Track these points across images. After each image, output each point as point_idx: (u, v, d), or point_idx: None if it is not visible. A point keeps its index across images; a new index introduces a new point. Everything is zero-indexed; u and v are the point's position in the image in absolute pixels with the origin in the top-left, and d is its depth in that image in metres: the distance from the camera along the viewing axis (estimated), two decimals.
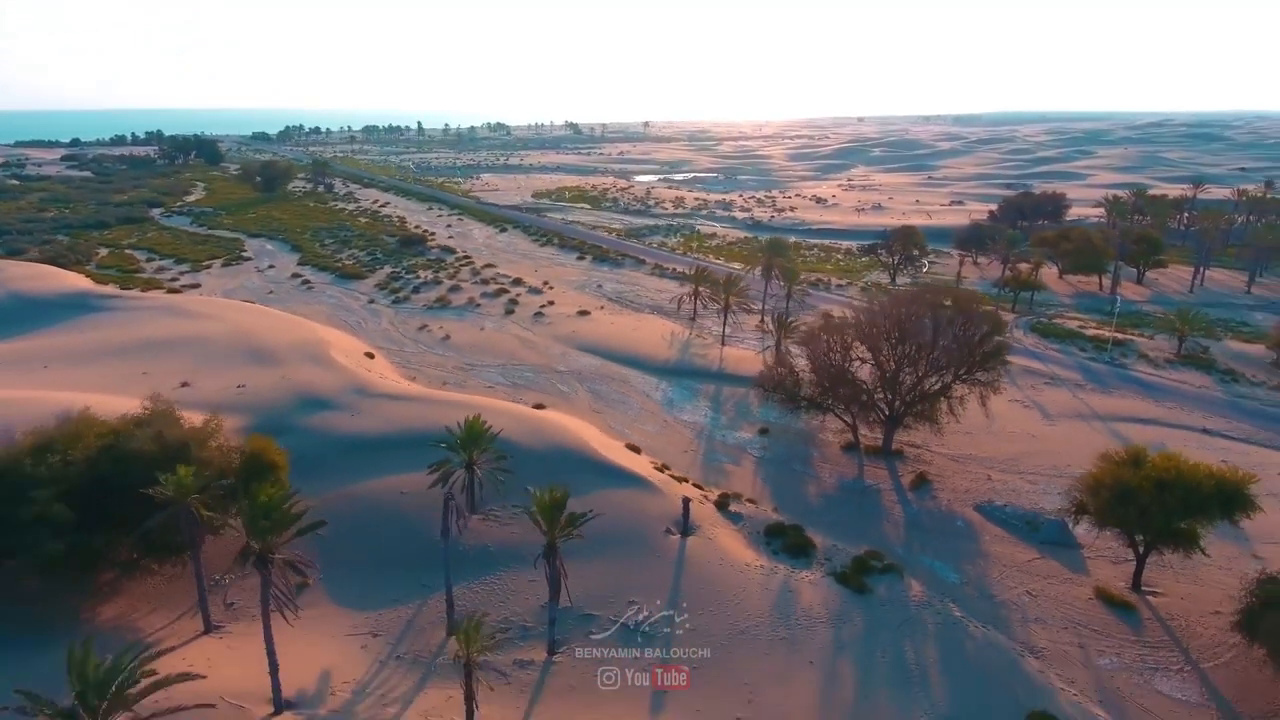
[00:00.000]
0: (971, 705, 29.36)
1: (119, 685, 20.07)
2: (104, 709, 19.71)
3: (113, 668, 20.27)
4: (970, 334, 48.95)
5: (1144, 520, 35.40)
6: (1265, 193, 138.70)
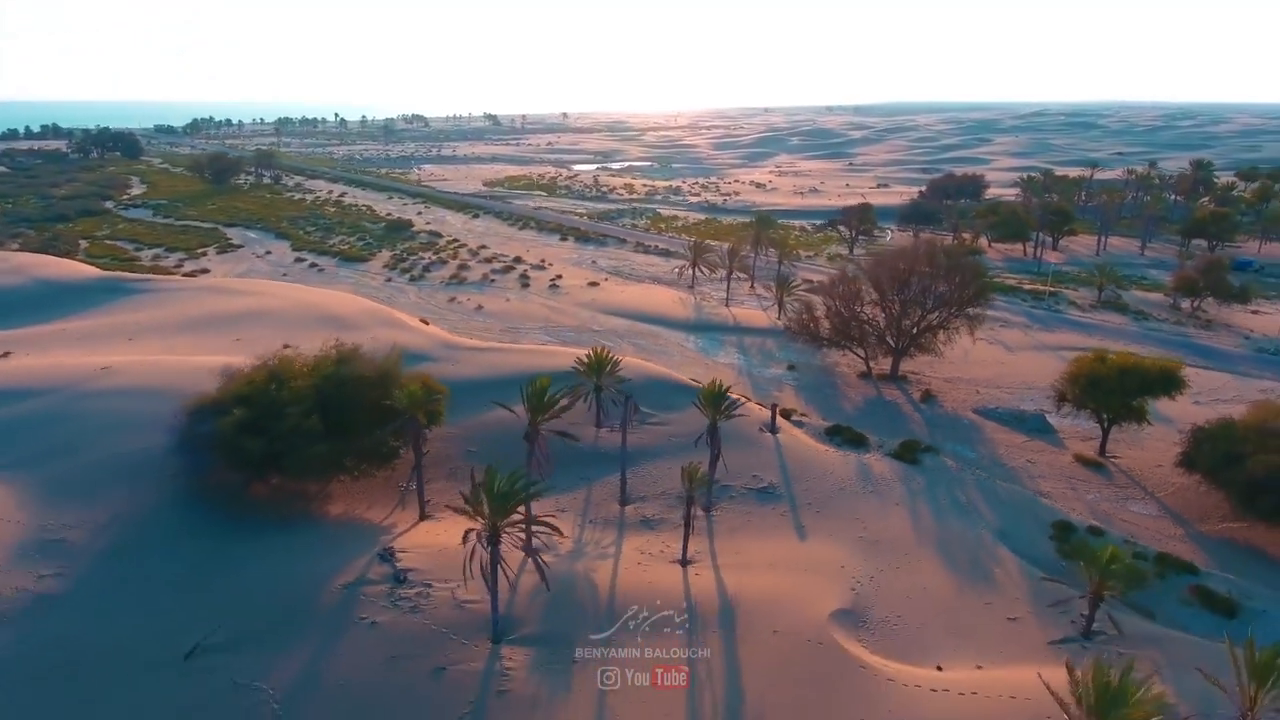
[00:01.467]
0: (1012, 522, 41.33)
1: (512, 497, 29.21)
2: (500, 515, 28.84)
3: (509, 489, 29.34)
4: (962, 278, 61.55)
5: (1109, 399, 48.43)
6: (1150, 173, 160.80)
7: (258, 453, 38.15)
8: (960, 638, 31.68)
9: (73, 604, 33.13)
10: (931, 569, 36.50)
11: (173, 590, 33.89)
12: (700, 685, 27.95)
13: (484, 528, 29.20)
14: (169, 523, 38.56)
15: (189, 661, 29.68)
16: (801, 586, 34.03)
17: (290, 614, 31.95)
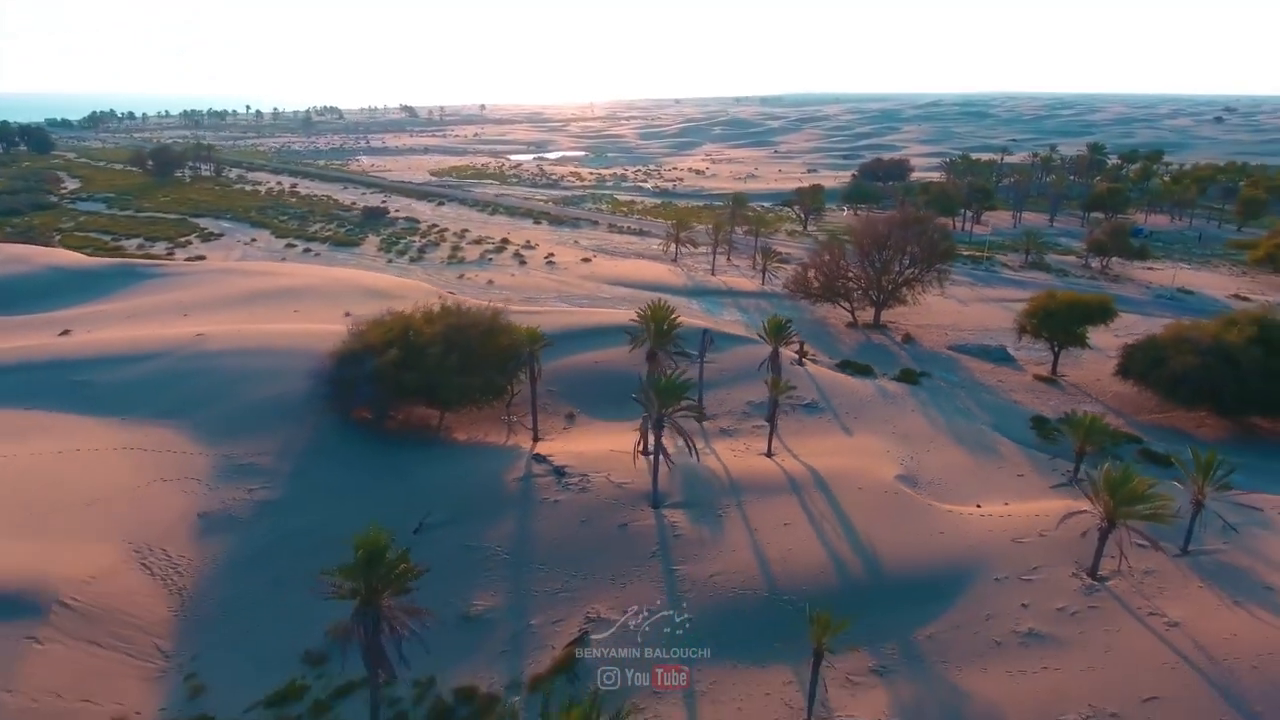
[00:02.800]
0: (1000, 419, 53.00)
1: (673, 391, 38.33)
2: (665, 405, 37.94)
3: (670, 386, 38.39)
4: (930, 239, 73.64)
5: (1059, 327, 61.12)
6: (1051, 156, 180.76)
7: (413, 385, 45.84)
8: (987, 488, 42.75)
9: (288, 507, 40.40)
10: (953, 450, 47.63)
11: (368, 491, 41.53)
12: (821, 521, 37.92)
13: (653, 415, 38.27)
14: (334, 447, 45.87)
15: (418, 535, 37.59)
16: (863, 464, 44.41)
17: (484, 500, 40.24)
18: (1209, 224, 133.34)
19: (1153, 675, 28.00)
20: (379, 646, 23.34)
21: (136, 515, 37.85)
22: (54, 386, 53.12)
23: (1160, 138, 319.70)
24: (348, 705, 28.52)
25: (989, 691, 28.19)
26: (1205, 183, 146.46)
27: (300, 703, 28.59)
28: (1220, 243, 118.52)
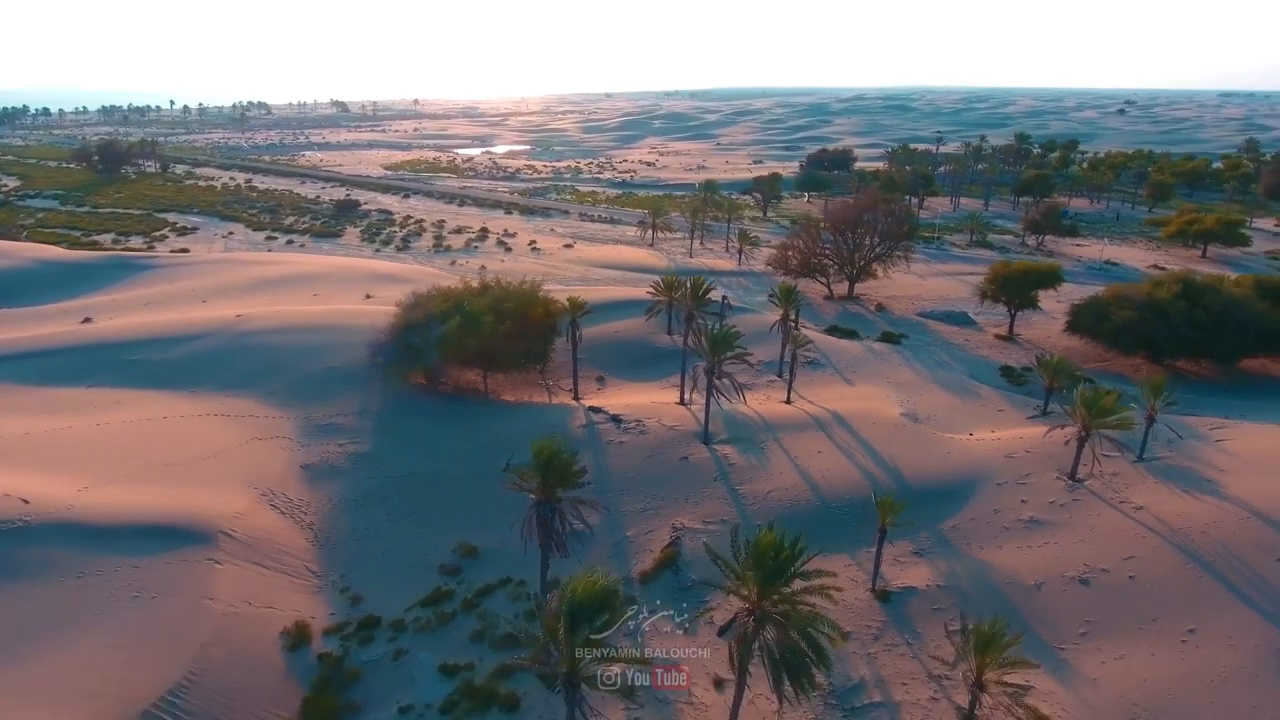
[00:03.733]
0: (973, 369, 61.29)
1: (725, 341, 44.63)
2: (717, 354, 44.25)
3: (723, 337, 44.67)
4: (897, 218, 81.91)
5: (1014, 292, 69.95)
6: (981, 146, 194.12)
7: (474, 349, 50.98)
8: (975, 421, 50.55)
9: (381, 456, 45.23)
10: (940, 394, 55.45)
11: (449, 440, 46.67)
12: (848, 448, 44.90)
13: (707, 363, 44.57)
14: (404, 406, 50.67)
15: (507, 471, 42.98)
16: (870, 406, 51.69)
17: None
18: (1124, 206, 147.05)
19: (1127, 542, 35.83)
20: (555, 530, 29.00)
21: (249, 467, 42.10)
22: (110, 366, 56.04)
23: (1072, 129, 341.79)
24: (491, 601, 34.03)
25: (1006, 562, 35.55)
26: (1119, 169, 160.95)
27: (451, 601, 33.91)
28: (1136, 222, 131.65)
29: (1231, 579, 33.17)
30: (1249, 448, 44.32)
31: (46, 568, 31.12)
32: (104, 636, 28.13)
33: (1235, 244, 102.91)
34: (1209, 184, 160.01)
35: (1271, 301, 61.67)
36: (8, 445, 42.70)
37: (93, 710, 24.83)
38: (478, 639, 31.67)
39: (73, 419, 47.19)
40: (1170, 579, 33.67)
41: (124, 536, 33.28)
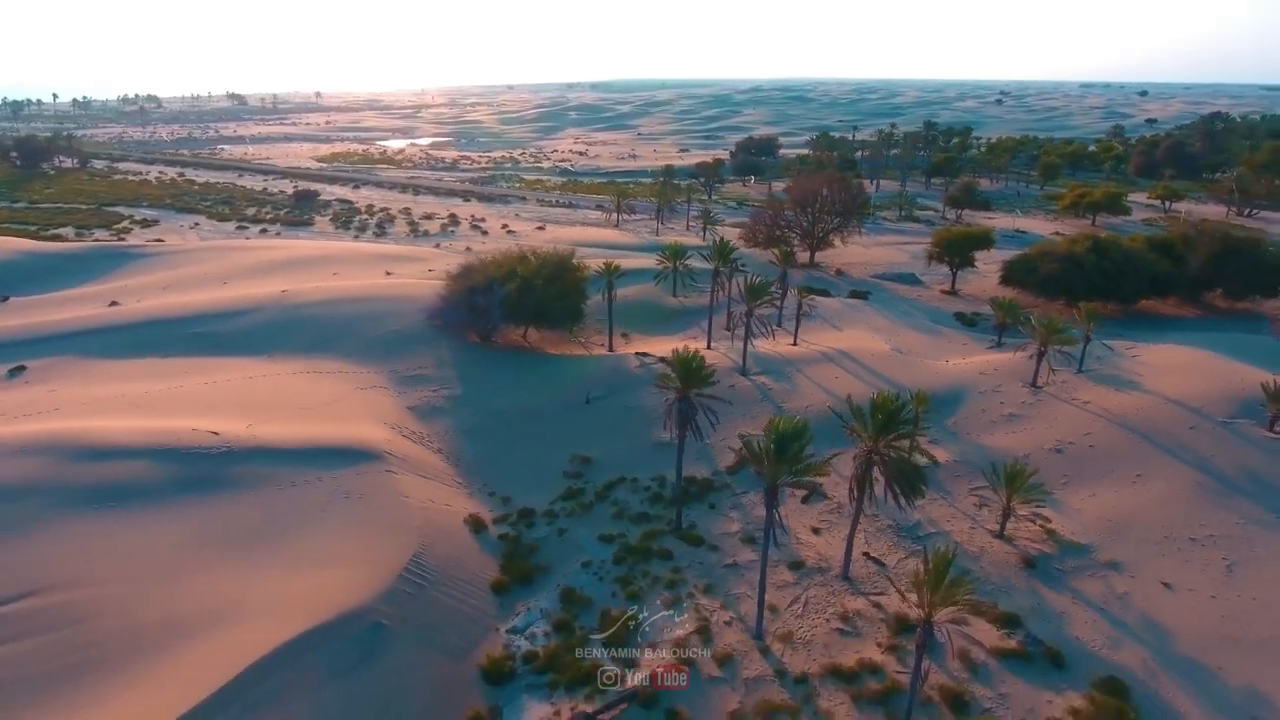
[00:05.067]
0: (932, 317, 73.12)
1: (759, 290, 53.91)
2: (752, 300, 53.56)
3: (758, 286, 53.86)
4: (851, 194, 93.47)
5: (956, 252, 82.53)
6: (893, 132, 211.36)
7: (531, 308, 58.53)
8: (947, 352, 61.89)
9: (471, 399, 52.40)
10: (914, 334, 66.75)
11: (528, 384, 54.26)
12: (857, 374, 55.15)
13: (746, 308, 53.83)
14: (471, 360, 57.75)
15: (589, 404, 51.15)
16: (863, 344, 62.24)
17: (621, 381, 54.15)
18: (1019, 185, 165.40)
19: (1083, 424, 47.40)
20: (691, 421, 37.63)
21: (367, 409, 48.53)
22: (178, 338, 60.41)
23: (959, 117, 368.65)
24: (616, 492, 42.27)
25: (998, 443, 46.43)
26: (1012, 152, 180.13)
27: (585, 495, 41.96)
28: (1033, 198, 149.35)
29: (1159, 441, 45.16)
30: (1154, 361, 57.21)
31: (262, 480, 37.39)
32: (340, 524, 34.94)
33: (1118, 213, 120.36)
34: (1087, 164, 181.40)
35: (1159, 254, 76.07)
36: (142, 401, 47.57)
37: (361, 573, 31.78)
38: (618, 518, 39.96)
39: (179, 381, 52.06)
40: (1118, 445, 45.40)
41: (310, 456, 39.72)
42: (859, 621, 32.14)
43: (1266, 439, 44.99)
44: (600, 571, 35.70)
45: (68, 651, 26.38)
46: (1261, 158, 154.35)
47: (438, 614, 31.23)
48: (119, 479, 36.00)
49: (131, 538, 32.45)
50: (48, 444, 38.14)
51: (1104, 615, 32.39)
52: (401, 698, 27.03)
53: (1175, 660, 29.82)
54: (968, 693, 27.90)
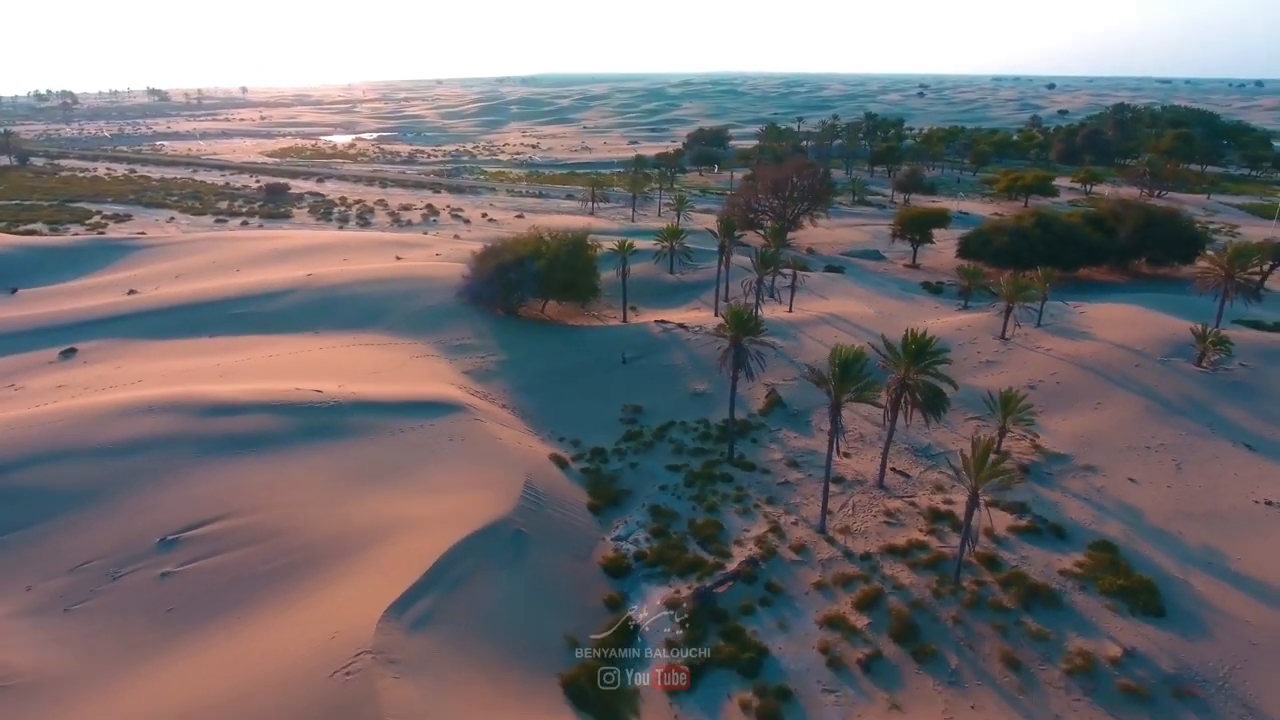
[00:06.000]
0: (903, 284, 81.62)
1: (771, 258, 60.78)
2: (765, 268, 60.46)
3: (770, 254, 60.70)
4: (819, 180, 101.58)
5: (916, 229, 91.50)
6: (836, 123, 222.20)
7: (559, 282, 64.17)
8: (923, 314, 70.10)
9: (518, 363, 57.87)
10: (891, 301, 74.94)
11: (566, 349, 59.99)
12: (854, 332, 62.74)
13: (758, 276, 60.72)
14: (506, 330, 63.12)
15: (625, 364, 57.28)
16: (851, 309, 69.95)
17: (649, 344, 60.32)
18: (954, 171, 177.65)
19: (1049, 366, 55.98)
20: (743, 362, 44.23)
21: (429, 373, 53.52)
22: (220, 319, 63.85)
23: (885, 109, 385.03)
24: (670, 433, 48.58)
25: (982, 383, 54.49)
26: (945, 141, 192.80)
27: (644, 436, 48.13)
28: (970, 183, 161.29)
29: (1111, 377, 54.07)
30: (1098, 316, 66.56)
31: (373, 428, 42.35)
32: (454, 460, 40.31)
33: (1048, 195, 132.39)
34: (1012, 152, 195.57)
35: (1093, 228, 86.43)
36: (220, 370, 51.48)
37: (490, 496, 37.19)
38: (678, 453, 46.35)
39: (243, 355, 55.92)
40: (1079, 381, 54.11)
41: (407, 409, 44.77)
42: (900, 515, 39.45)
43: (1196, 372, 54.42)
44: (676, 493, 42.08)
45: (272, 558, 31.31)
46: (1165, 144, 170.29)
47: (555, 527, 37.08)
48: (249, 430, 40.48)
49: (281, 475, 37.19)
50: (172, 404, 42.21)
51: (1088, 502, 40.54)
52: (551, 584, 32.95)
53: (1146, 529, 38.05)
54: (997, 556, 35.45)
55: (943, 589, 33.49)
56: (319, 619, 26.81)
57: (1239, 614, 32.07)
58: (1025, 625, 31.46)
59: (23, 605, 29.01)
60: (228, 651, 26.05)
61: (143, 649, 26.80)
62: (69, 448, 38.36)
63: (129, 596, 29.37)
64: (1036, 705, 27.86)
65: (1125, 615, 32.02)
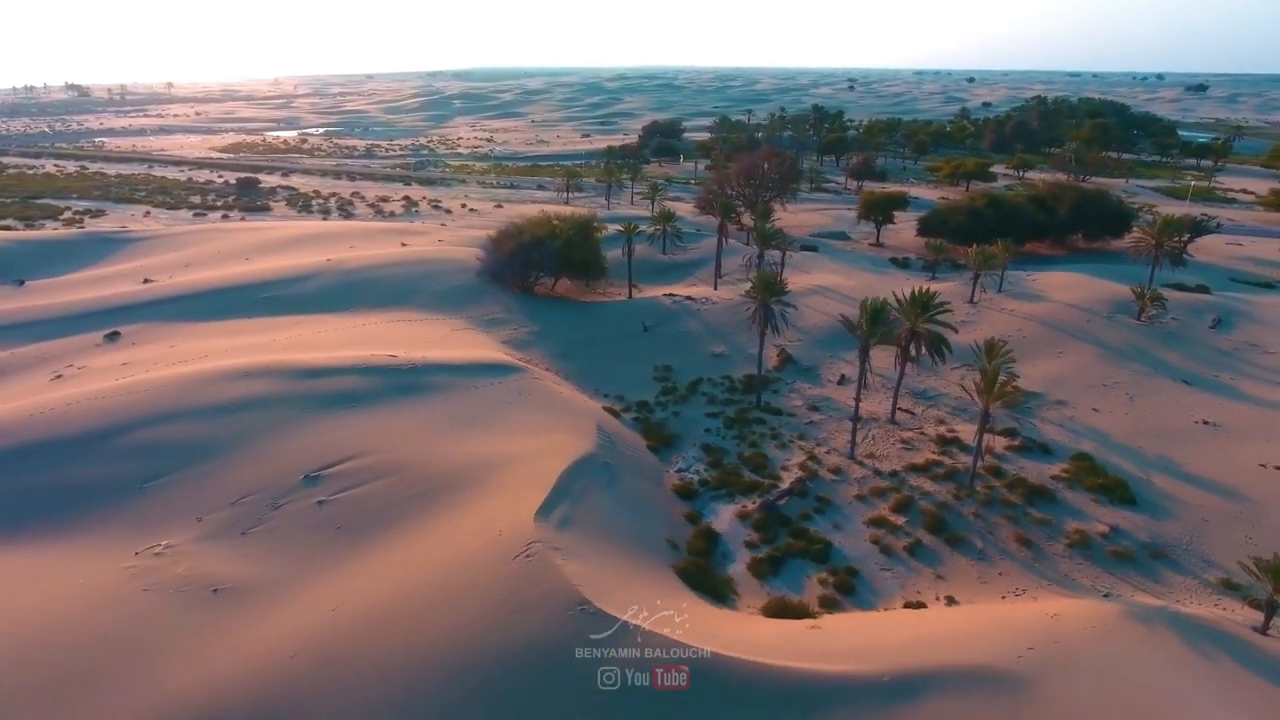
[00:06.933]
0: (873, 260, 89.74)
1: (771, 234, 67.53)
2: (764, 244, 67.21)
3: (771, 232, 67.40)
4: (786, 167, 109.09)
5: (881, 211, 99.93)
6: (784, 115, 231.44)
7: (576, 260, 69.68)
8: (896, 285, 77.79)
9: (549, 333, 63.27)
10: (866, 275, 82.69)
11: (588, 320, 65.57)
12: (845, 299, 70.08)
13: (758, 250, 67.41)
14: (528, 306, 68.36)
15: (647, 332, 63.29)
16: (836, 281, 77.39)
17: (663, 315, 66.46)
18: (895, 160, 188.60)
19: (1013, 324, 64.41)
20: (771, 319, 50.76)
21: (473, 342, 58.41)
22: (252, 302, 67.10)
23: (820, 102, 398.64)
24: (702, 387, 54.88)
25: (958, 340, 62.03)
26: (886, 132, 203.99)
27: (679, 390, 54.27)
28: (916, 170, 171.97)
29: (1068, 330, 62.79)
30: (1049, 282, 75.64)
31: (450, 386, 47.31)
32: (531, 410, 45.68)
33: (987, 180, 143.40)
34: (947, 142, 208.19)
35: (1036, 206, 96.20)
36: (281, 344, 55.28)
37: (574, 436, 42.67)
38: (711, 403, 52.71)
39: (290, 332, 59.67)
40: (1041, 335, 62.65)
41: (473, 370, 49.82)
42: (914, 443, 46.74)
43: (1136, 325, 63.60)
44: (719, 434, 48.44)
45: (409, 486, 36.32)
46: (1085, 134, 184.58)
47: (630, 462, 42.97)
48: (343, 389, 45.01)
49: (386, 424, 41.99)
50: (264, 369, 46.34)
51: (1064, 427, 48.60)
52: (642, 502, 38.90)
53: (1113, 445, 46.21)
54: (1000, 468, 42.99)
55: (961, 493, 40.78)
56: (479, 525, 32.15)
57: (1192, 501, 40.26)
58: (1030, 515, 38.96)
59: (202, 532, 33.41)
60: (410, 552, 31.19)
61: (327, 558, 31.66)
62: (183, 409, 42.28)
63: (295, 520, 34.06)
64: (1048, 569, 35.24)
65: (1106, 505, 39.84)
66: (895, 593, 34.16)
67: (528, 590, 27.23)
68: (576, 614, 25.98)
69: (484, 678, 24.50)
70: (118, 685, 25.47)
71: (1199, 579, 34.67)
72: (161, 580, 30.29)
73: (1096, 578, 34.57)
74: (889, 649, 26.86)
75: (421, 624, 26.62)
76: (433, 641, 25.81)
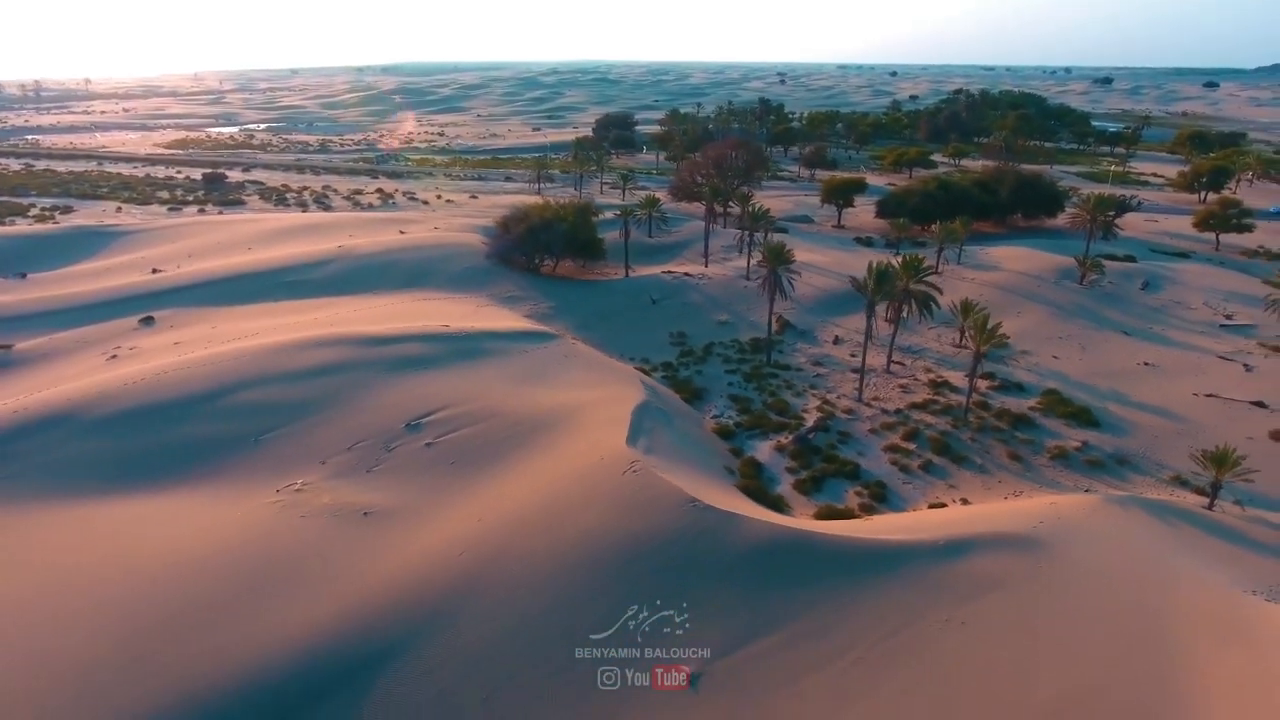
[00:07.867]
0: (839, 240, 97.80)
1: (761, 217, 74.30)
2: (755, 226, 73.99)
3: (760, 214, 74.11)
4: (753, 156, 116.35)
5: (840, 195, 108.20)
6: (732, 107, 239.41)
7: (582, 242, 75.20)
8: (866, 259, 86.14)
9: (566, 308, 68.76)
10: (837, 252, 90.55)
11: (599, 296, 71.27)
12: (835, 275, 77.47)
13: (747, 232, 74.18)
14: (538, 284, 73.62)
15: (655, 304, 69.38)
16: (810, 259, 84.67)
17: (665, 290, 72.60)
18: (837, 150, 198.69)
19: (976, 290, 72.75)
20: (779, 284, 57.47)
21: (499, 316, 63.44)
22: (276, 286, 70.47)
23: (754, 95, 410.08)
24: (715, 350, 61.36)
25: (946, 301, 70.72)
26: (828, 124, 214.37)
27: (695, 353, 60.63)
28: (862, 159, 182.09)
29: (1022, 294, 71.63)
30: (1000, 254, 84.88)
31: (501, 350, 52.39)
32: (582, 369, 51.23)
33: (928, 168, 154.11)
34: (885, 133, 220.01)
35: (980, 189, 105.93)
36: (324, 321, 59.29)
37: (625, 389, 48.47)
38: (726, 361, 59.25)
39: (329, 310, 63.57)
40: (1001, 299, 71.19)
41: (518, 337, 55.04)
42: (910, 387, 54.24)
43: (1080, 288, 72.92)
44: (741, 387, 55.01)
45: (504, 428, 41.60)
46: (1010, 124, 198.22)
47: (674, 409, 49.11)
48: (410, 354, 49.72)
49: (460, 380, 47.00)
50: (334, 339, 50.66)
51: (1032, 371, 56.91)
52: (697, 438, 45.10)
53: (1073, 383, 54.64)
54: (987, 402, 50.80)
55: (958, 423, 48.34)
56: (579, 452, 37.80)
57: (1142, 423, 48.76)
58: (1017, 437, 46.77)
59: (330, 472, 38.08)
60: (526, 475, 36.63)
61: (452, 486, 36.81)
62: (270, 374, 46.42)
63: (410, 460, 39.03)
64: (1037, 476, 42.98)
65: (1075, 427, 47.97)
66: (919, 499, 41.32)
67: (643, 494, 33.11)
68: (689, 508, 32.04)
69: (624, 561, 30.32)
70: (294, 594, 29.76)
71: (1156, 478, 42.94)
72: (313, 509, 34.99)
73: (1076, 480, 42.46)
74: (933, 527, 33.78)
75: (560, 525, 32.22)
76: (574, 537, 31.47)
